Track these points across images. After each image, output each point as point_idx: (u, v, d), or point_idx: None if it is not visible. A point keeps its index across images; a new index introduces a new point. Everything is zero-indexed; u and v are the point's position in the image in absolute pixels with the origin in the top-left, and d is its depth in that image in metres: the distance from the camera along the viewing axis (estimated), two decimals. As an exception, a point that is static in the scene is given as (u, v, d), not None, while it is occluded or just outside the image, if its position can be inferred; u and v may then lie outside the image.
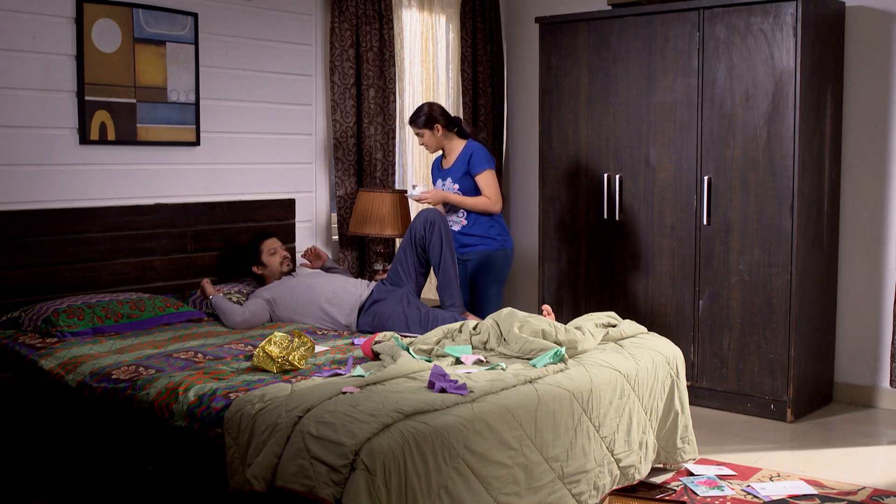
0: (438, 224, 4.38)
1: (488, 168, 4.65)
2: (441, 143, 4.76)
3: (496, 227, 4.71)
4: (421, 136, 4.74)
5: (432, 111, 4.70)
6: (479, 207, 4.65)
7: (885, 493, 3.69)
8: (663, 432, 3.77)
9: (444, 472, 2.77)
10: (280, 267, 4.63)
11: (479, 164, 4.64)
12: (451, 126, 4.75)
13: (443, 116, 4.72)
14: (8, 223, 4.04)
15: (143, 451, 3.30)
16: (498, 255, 4.69)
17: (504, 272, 4.75)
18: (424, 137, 4.73)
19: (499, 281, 4.73)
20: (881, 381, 4.98)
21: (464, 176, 4.68)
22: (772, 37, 4.63)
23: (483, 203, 4.64)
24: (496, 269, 4.70)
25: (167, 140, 4.60)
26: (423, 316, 4.14)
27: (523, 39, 6.16)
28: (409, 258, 4.44)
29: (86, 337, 3.88)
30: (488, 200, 4.64)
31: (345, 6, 5.21)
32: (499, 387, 3.12)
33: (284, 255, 4.65)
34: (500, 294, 4.76)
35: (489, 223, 4.70)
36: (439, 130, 4.70)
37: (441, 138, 4.74)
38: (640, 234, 5.14)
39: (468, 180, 4.68)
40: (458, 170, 4.70)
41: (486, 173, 4.64)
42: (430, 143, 4.74)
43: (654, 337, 3.96)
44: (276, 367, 3.37)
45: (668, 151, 5.00)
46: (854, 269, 5.04)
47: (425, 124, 4.70)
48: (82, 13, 4.25)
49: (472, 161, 4.65)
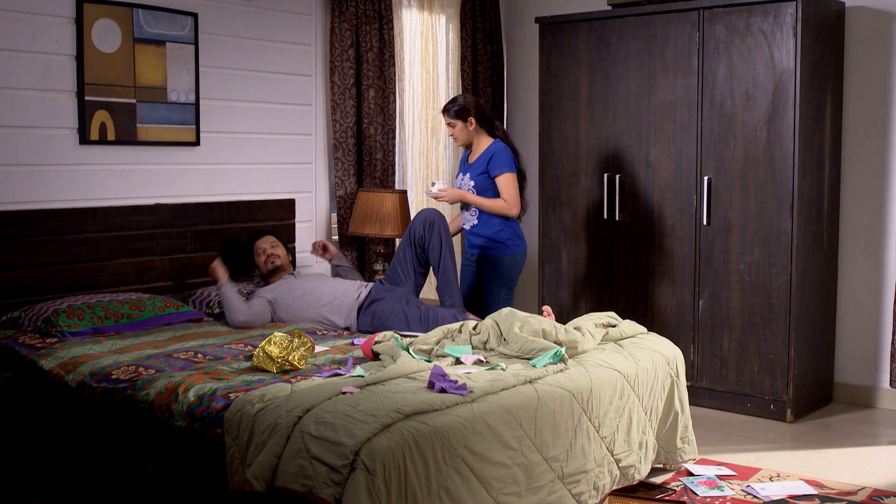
0: (438, 224, 4.36)
1: (508, 171, 4.54)
2: (471, 138, 4.65)
3: (507, 230, 4.62)
4: (452, 126, 4.62)
5: (467, 102, 4.61)
6: (495, 209, 4.57)
7: (885, 493, 3.69)
8: (663, 432, 3.77)
9: (444, 472, 2.77)
10: (265, 266, 4.64)
11: (499, 167, 4.55)
12: (483, 122, 4.67)
13: (477, 110, 4.62)
14: (8, 223, 4.04)
15: (143, 451, 3.30)
16: (506, 259, 4.60)
17: (512, 276, 4.66)
18: (455, 129, 4.62)
19: (507, 285, 4.65)
20: (881, 381, 4.98)
21: (481, 175, 4.60)
22: (772, 37, 4.63)
23: (500, 206, 4.56)
24: (503, 272, 4.63)
25: (167, 140, 4.60)
26: (424, 314, 4.13)
27: (523, 39, 6.16)
28: (409, 258, 4.43)
29: (86, 337, 3.88)
30: (505, 204, 4.55)
31: (345, 6, 5.21)
32: (499, 387, 3.12)
33: (269, 253, 4.64)
34: (509, 298, 4.68)
35: (500, 226, 4.61)
36: (472, 124, 4.60)
37: (472, 132, 4.64)
38: (640, 234, 5.14)
39: (484, 179, 4.60)
40: (477, 168, 4.63)
41: (505, 176, 4.54)
42: (459, 135, 4.63)
43: (654, 337, 3.96)
44: (276, 367, 3.37)
45: (668, 151, 5.00)
46: (854, 269, 5.04)
47: (457, 114, 4.59)
48: (82, 13, 4.25)
49: (493, 162, 4.57)
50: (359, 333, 4.17)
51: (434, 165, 5.85)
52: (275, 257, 4.65)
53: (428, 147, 5.81)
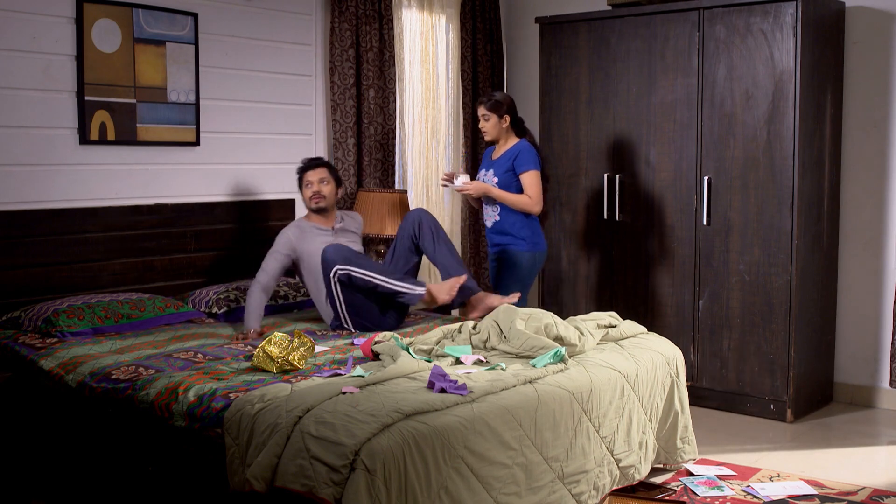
0: (425, 221, 4.37)
1: (533, 169, 4.59)
2: (500, 134, 4.69)
3: (527, 228, 4.63)
4: (486, 118, 4.66)
5: (505, 99, 4.66)
6: (519, 205, 4.60)
7: (885, 493, 3.69)
8: (663, 432, 3.77)
9: (444, 472, 2.77)
10: (310, 202, 4.44)
11: (524, 164, 4.59)
12: (515, 123, 4.71)
13: (512, 109, 4.68)
14: (8, 223, 4.04)
15: (143, 451, 3.30)
16: (525, 256, 4.61)
17: (529, 275, 4.65)
18: (489, 122, 4.65)
19: (523, 283, 4.65)
20: (881, 381, 4.98)
21: (506, 172, 4.63)
22: (772, 37, 4.63)
23: (524, 202, 4.59)
24: (521, 270, 4.62)
25: (167, 140, 4.60)
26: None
27: (523, 39, 6.16)
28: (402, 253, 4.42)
29: (86, 337, 3.88)
30: (529, 200, 4.59)
31: (345, 6, 5.21)
32: (499, 387, 3.12)
33: (315, 190, 4.42)
34: (523, 296, 4.65)
35: (522, 223, 4.62)
36: (505, 121, 4.65)
37: (502, 130, 4.69)
38: (640, 234, 5.14)
39: (509, 176, 4.62)
40: (503, 164, 4.66)
41: (530, 173, 4.58)
42: (490, 129, 4.67)
43: (654, 337, 3.96)
44: (276, 367, 3.37)
45: (668, 151, 5.00)
46: (854, 269, 5.03)
47: (493, 108, 4.62)
48: (82, 13, 4.24)
49: (518, 158, 4.60)
50: (358, 332, 4.16)
51: (434, 165, 5.85)
52: (320, 197, 4.41)
53: (428, 147, 5.81)
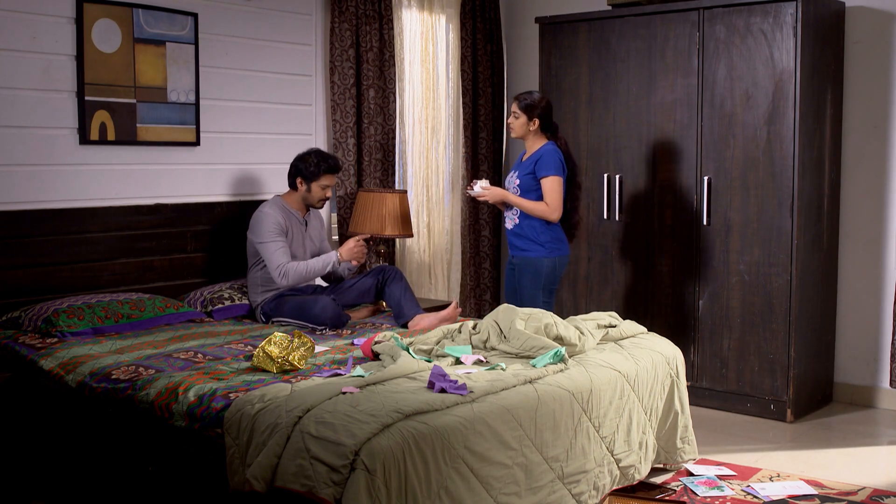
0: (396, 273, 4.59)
1: (554, 175, 4.50)
2: (527, 135, 4.64)
3: (547, 233, 4.56)
4: (516, 116, 4.61)
5: (540, 103, 4.59)
6: (536, 212, 4.54)
7: (885, 493, 3.69)
8: (663, 432, 3.77)
9: (444, 472, 2.77)
10: (314, 202, 4.63)
11: (545, 168, 4.51)
12: (546, 128, 4.65)
13: (544, 114, 4.61)
14: (8, 223, 4.04)
15: (143, 451, 3.30)
16: (545, 262, 4.55)
17: (552, 280, 4.60)
18: (518, 120, 4.61)
19: (547, 289, 4.58)
20: (881, 381, 4.98)
21: (528, 174, 4.59)
22: (772, 37, 4.63)
23: (541, 209, 4.53)
24: (542, 276, 4.56)
25: (167, 140, 4.60)
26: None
27: (523, 39, 6.16)
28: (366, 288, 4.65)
29: (86, 337, 3.88)
30: (546, 208, 4.52)
31: (345, 6, 5.21)
32: (499, 387, 3.12)
33: (327, 195, 4.64)
34: (549, 301, 4.63)
35: (540, 229, 4.55)
36: (535, 124, 4.59)
37: (529, 131, 4.63)
38: (640, 234, 5.14)
39: (530, 179, 4.58)
40: (526, 167, 4.60)
41: (550, 179, 4.51)
42: (518, 127, 4.63)
43: (654, 337, 3.96)
44: (276, 367, 3.37)
45: (669, 151, 5.00)
46: (854, 269, 5.03)
47: (526, 109, 4.58)
48: (82, 13, 4.24)
49: (540, 163, 4.52)
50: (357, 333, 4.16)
51: (434, 165, 5.85)
52: (325, 202, 4.69)
53: (428, 147, 5.81)
